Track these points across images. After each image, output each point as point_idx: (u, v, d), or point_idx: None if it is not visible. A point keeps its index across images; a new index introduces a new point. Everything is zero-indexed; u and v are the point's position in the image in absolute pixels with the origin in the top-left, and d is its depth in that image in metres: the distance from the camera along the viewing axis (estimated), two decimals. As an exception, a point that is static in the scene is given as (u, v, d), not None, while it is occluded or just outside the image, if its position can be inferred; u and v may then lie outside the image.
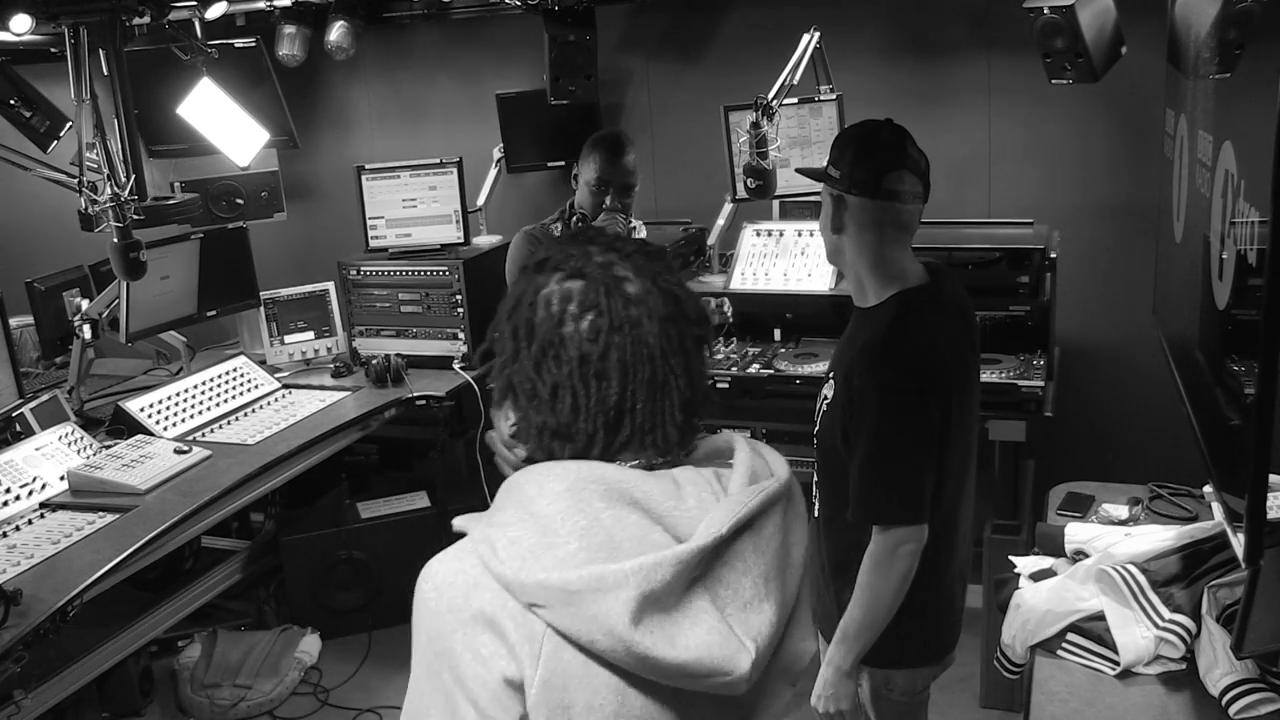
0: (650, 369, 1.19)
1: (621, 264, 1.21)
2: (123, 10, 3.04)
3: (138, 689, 3.72)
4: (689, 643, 1.10)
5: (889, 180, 2.09)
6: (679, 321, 1.21)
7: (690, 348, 1.22)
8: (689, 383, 1.21)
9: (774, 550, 1.19)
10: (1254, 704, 1.88)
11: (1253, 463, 1.53)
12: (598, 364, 1.18)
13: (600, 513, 1.12)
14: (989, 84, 4.00)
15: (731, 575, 1.15)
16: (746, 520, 1.16)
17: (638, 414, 1.19)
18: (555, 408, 1.20)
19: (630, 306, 1.19)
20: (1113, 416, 4.02)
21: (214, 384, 3.90)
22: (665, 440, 1.21)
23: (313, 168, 5.01)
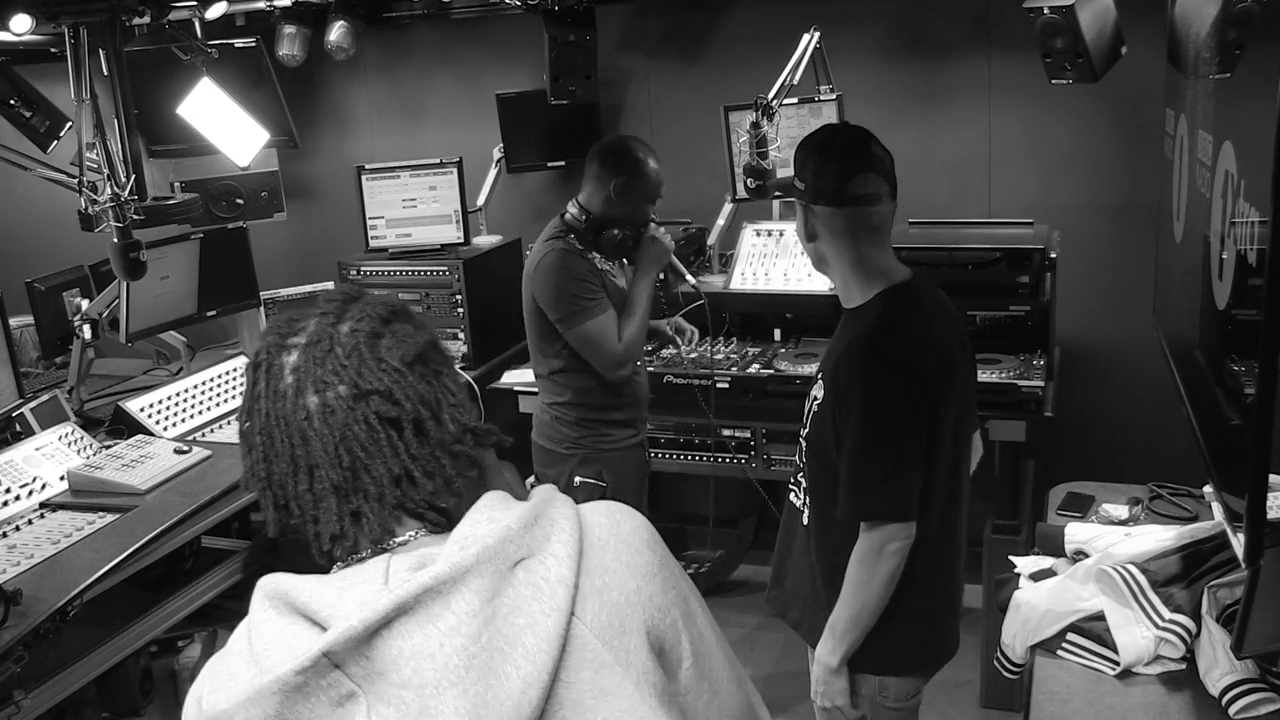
0: (290, 448, 1.06)
1: (303, 331, 1.09)
2: (123, 10, 3.04)
3: (138, 689, 3.72)
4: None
5: (853, 185, 2.09)
6: (335, 395, 1.05)
7: (359, 427, 1.04)
8: (347, 468, 1.04)
9: (455, 648, 0.94)
10: (1254, 704, 1.88)
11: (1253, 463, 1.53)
12: (247, 437, 1.10)
13: (276, 629, 0.99)
14: (989, 84, 4.00)
15: (387, 688, 0.94)
16: (380, 621, 0.94)
17: (296, 497, 1.07)
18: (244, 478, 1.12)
19: (280, 379, 1.07)
20: (1113, 416, 4.02)
21: (214, 384, 3.90)
22: (334, 531, 1.06)
23: (313, 168, 5.01)
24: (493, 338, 4.32)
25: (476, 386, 4.10)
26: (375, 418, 1.05)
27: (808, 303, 3.82)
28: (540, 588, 0.99)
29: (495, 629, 0.96)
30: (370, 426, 1.05)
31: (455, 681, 0.93)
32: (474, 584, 0.97)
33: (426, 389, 1.08)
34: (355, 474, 1.05)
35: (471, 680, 0.93)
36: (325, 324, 1.09)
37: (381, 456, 1.05)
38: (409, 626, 0.95)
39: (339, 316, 1.09)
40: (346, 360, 1.06)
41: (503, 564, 0.99)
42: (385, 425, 1.05)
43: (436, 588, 0.96)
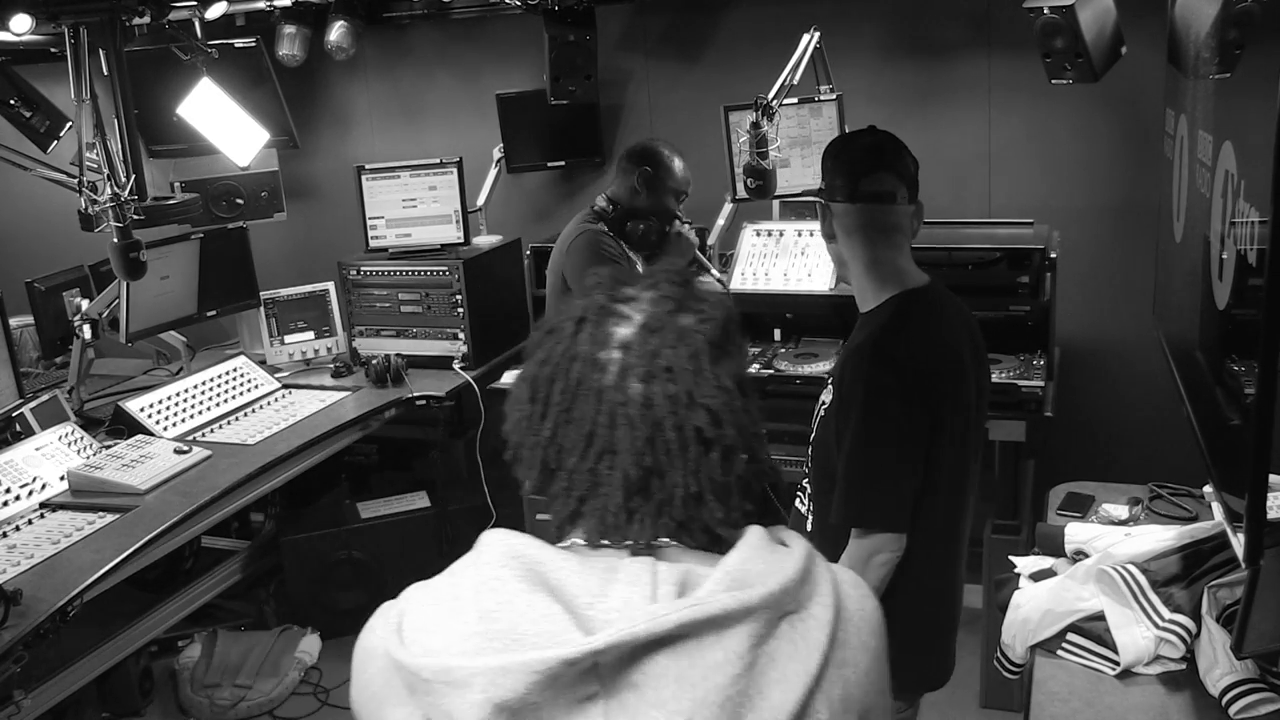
0: (593, 423, 1.00)
1: (638, 304, 1.03)
2: (123, 10, 3.04)
3: (138, 689, 3.72)
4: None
5: (865, 183, 2.09)
6: (660, 389, 0.99)
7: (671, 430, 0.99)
8: (645, 466, 0.99)
9: (715, 686, 0.91)
10: (1254, 704, 1.88)
11: (1253, 463, 1.53)
12: (540, 387, 1.04)
13: (515, 595, 0.95)
14: (989, 84, 4.00)
15: (636, 703, 0.91)
16: (651, 639, 0.91)
17: (573, 471, 1.02)
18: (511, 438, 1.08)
19: (605, 348, 1.01)
20: (1113, 416, 4.02)
21: (214, 384, 3.90)
22: (603, 519, 1.01)
23: (313, 168, 5.01)
24: (493, 338, 4.32)
25: (476, 386, 4.10)
26: (693, 430, 1.00)
27: (808, 303, 3.82)
28: (799, 646, 0.96)
29: (753, 676, 0.93)
30: (683, 437, 0.99)
31: (707, 717, 0.90)
32: (750, 627, 0.93)
33: (746, 418, 1.03)
34: (650, 476, 1.00)
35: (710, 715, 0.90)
36: (665, 309, 1.02)
37: (683, 469, 1.00)
38: (681, 650, 0.91)
39: (679, 305, 1.03)
40: (688, 363, 1.00)
41: (776, 614, 0.95)
42: (698, 441, 1.00)
43: (720, 620, 0.92)
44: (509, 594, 0.95)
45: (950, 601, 2.26)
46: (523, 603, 0.94)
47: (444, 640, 0.95)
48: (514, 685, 0.90)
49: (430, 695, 0.93)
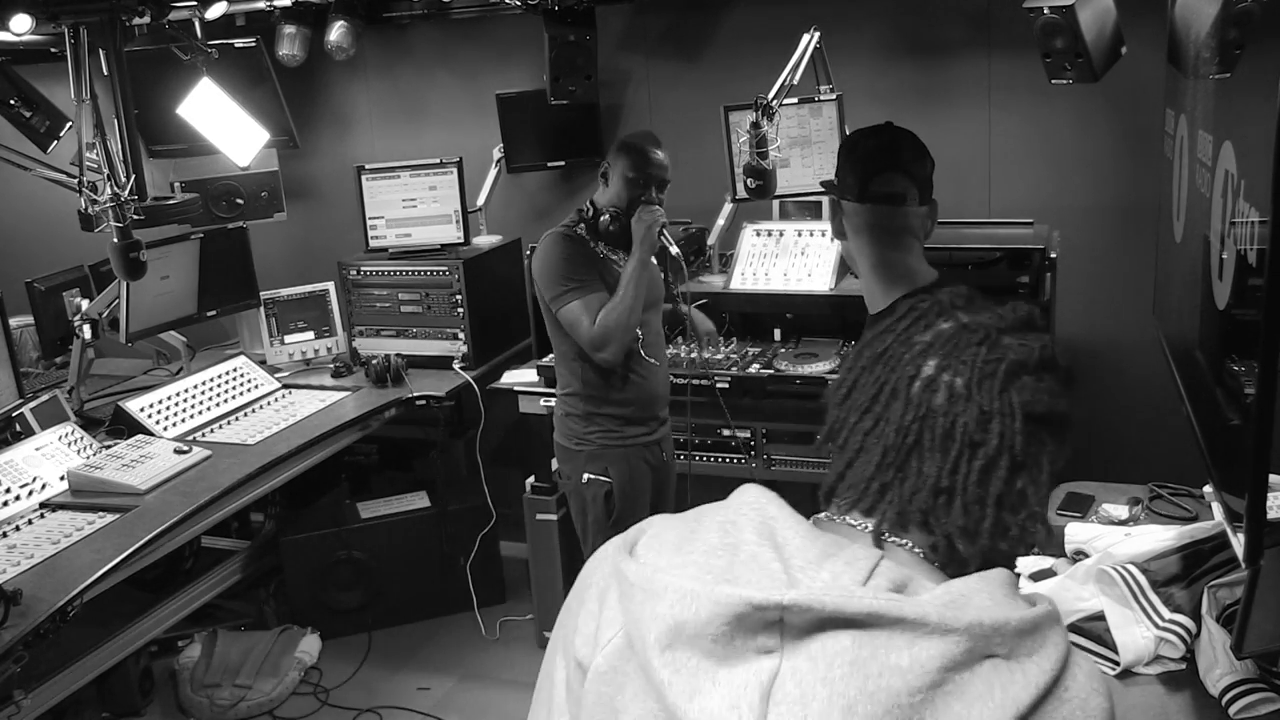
0: (878, 392, 1.06)
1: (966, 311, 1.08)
2: (123, 10, 3.04)
3: (138, 689, 3.72)
4: (704, 704, 0.91)
5: (876, 183, 2.09)
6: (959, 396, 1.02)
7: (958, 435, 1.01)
8: (911, 444, 1.02)
9: (890, 689, 0.88)
10: (1254, 704, 1.88)
11: (1253, 463, 1.53)
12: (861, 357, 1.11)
13: (743, 542, 0.99)
14: (989, 84, 4.00)
15: (811, 673, 0.90)
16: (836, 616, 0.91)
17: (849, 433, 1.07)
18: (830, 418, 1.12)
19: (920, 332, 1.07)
20: (1113, 416, 4.01)
21: (214, 384, 3.90)
22: (856, 483, 1.05)
23: (313, 168, 5.01)
24: (493, 338, 4.32)
25: (476, 386, 4.10)
26: (962, 427, 1.01)
27: (808, 302, 3.82)
28: (995, 693, 0.89)
29: (934, 699, 0.88)
30: (950, 429, 1.01)
31: (867, 714, 0.87)
32: (944, 646, 0.89)
33: (1025, 449, 1.02)
34: (909, 454, 1.02)
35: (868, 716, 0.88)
36: (991, 323, 1.07)
37: (939, 461, 1.01)
38: (869, 638, 0.90)
39: (1005, 328, 1.07)
40: (983, 364, 1.03)
41: (981, 649, 0.90)
42: (965, 441, 1.01)
43: (915, 625, 0.90)
44: (738, 539, 0.99)
45: None
46: (747, 551, 0.98)
47: (667, 560, 1.00)
48: (699, 610, 0.92)
49: (631, 601, 0.98)
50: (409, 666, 4.03)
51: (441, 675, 3.96)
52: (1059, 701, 0.92)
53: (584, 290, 3.04)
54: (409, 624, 4.24)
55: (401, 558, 4.19)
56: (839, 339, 3.83)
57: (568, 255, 3.08)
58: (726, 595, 0.92)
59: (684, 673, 0.93)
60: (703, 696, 0.91)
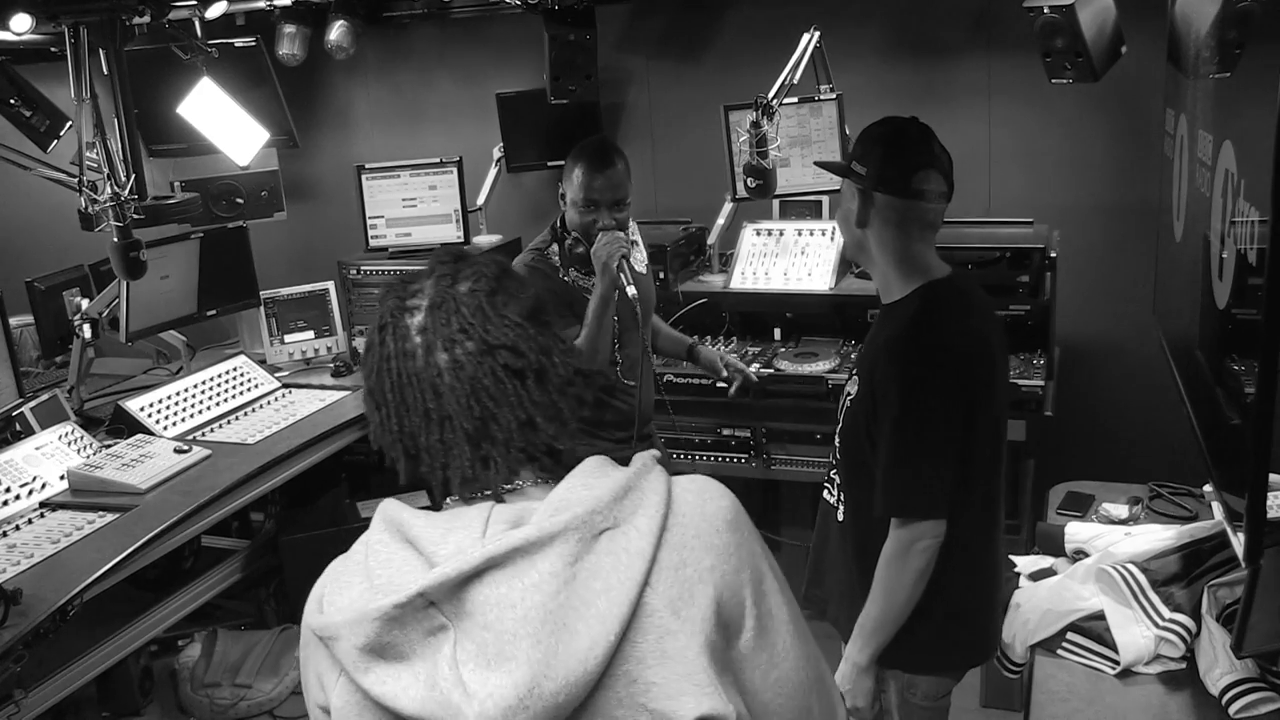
0: (423, 402, 1.14)
1: (422, 293, 1.18)
2: (123, 10, 3.04)
3: (138, 688, 3.72)
4: (415, 694, 1.05)
5: (917, 179, 2.09)
6: (464, 351, 1.14)
7: (486, 379, 1.14)
8: (478, 418, 1.14)
9: (535, 604, 1.03)
10: (1254, 703, 1.88)
11: (1253, 462, 1.53)
12: (376, 394, 1.19)
13: (391, 553, 1.11)
14: (989, 83, 4.00)
15: (473, 628, 1.05)
16: (472, 571, 1.05)
17: (427, 448, 1.16)
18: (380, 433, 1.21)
19: (407, 339, 1.16)
20: (1113, 416, 4.02)
21: (214, 383, 3.90)
22: (464, 475, 1.15)
23: (313, 167, 5.01)
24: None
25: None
26: (502, 369, 1.14)
27: (808, 302, 3.82)
28: (620, 558, 1.07)
29: (573, 590, 1.05)
30: (498, 378, 1.14)
31: (531, 633, 1.03)
32: (559, 548, 1.06)
33: (543, 339, 1.18)
34: (485, 423, 1.14)
35: (545, 633, 1.03)
36: (443, 286, 1.18)
37: (509, 404, 1.14)
38: (498, 578, 1.05)
39: (454, 278, 1.18)
40: (472, 319, 1.15)
41: (588, 532, 1.07)
42: (511, 376, 1.15)
43: (525, 548, 1.06)
44: (387, 552, 1.11)
45: (991, 584, 2.27)
46: (398, 558, 1.10)
47: (346, 599, 1.11)
48: (366, 631, 1.06)
49: (327, 648, 1.10)
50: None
51: (441, 675, 3.95)
52: (678, 529, 1.11)
53: None
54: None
55: (401, 557, 4.19)
56: (839, 338, 3.83)
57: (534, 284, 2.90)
58: (375, 610, 1.06)
59: (389, 682, 1.06)
60: (412, 691, 1.05)
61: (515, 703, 1.02)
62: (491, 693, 1.02)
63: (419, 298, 1.18)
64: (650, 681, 1.06)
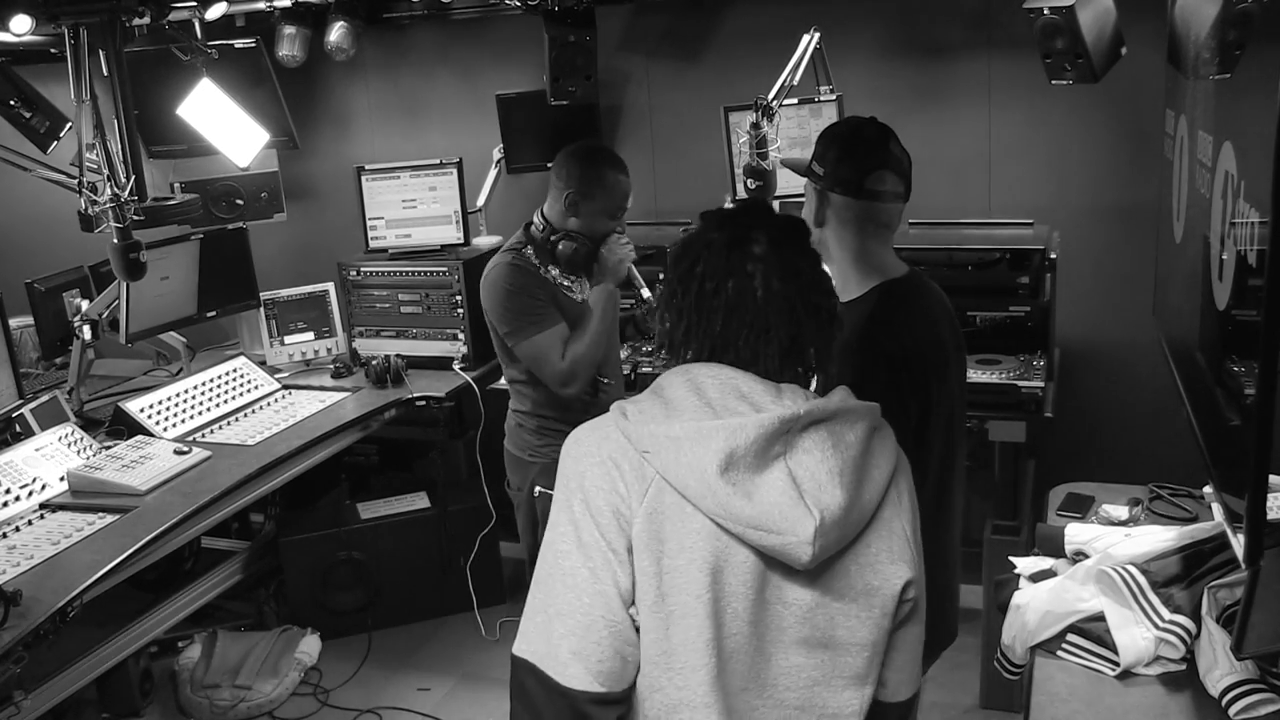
0: (751, 313, 1.45)
1: (762, 232, 1.49)
2: (123, 11, 3.04)
3: (138, 690, 3.72)
4: (763, 498, 1.36)
5: (871, 180, 2.12)
6: (794, 285, 1.46)
7: (801, 308, 1.46)
8: (791, 334, 1.46)
9: (851, 457, 1.41)
10: (1254, 705, 1.88)
11: (1253, 463, 1.53)
12: (711, 300, 1.47)
13: (713, 398, 1.41)
14: (989, 84, 4.00)
15: (809, 459, 1.38)
16: (820, 416, 1.41)
17: (740, 347, 1.46)
18: (676, 328, 1.51)
19: (748, 263, 1.46)
20: (1113, 417, 4.02)
21: (214, 385, 3.90)
22: (766, 372, 1.46)
23: (313, 168, 5.01)
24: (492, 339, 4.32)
25: (476, 387, 4.10)
26: (814, 307, 1.48)
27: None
28: (887, 450, 1.50)
29: (868, 455, 1.45)
30: (810, 309, 1.48)
31: (852, 472, 1.41)
32: (865, 424, 1.46)
33: (829, 287, 1.53)
34: (796, 338, 1.47)
35: (857, 478, 1.42)
36: (778, 234, 1.50)
37: (811, 332, 1.49)
38: (831, 427, 1.42)
39: (781, 229, 1.52)
40: (805, 264, 1.50)
41: (873, 424, 1.48)
42: (819, 314, 1.49)
43: (847, 413, 1.45)
44: (713, 394, 1.42)
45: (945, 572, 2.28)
46: (718, 401, 1.41)
47: (668, 420, 1.40)
48: (746, 435, 1.36)
49: (672, 451, 1.38)
50: (409, 667, 4.03)
51: (441, 676, 3.96)
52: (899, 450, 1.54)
53: (544, 324, 2.91)
54: (409, 624, 4.24)
55: (401, 558, 4.19)
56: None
57: (522, 287, 2.92)
58: (765, 419, 1.37)
59: (739, 484, 1.36)
60: (758, 495, 1.36)
61: (841, 517, 1.38)
62: (827, 507, 1.36)
63: (759, 232, 1.49)
64: (879, 549, 1.46)
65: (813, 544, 1.35)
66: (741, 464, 1.35)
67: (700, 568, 1.37)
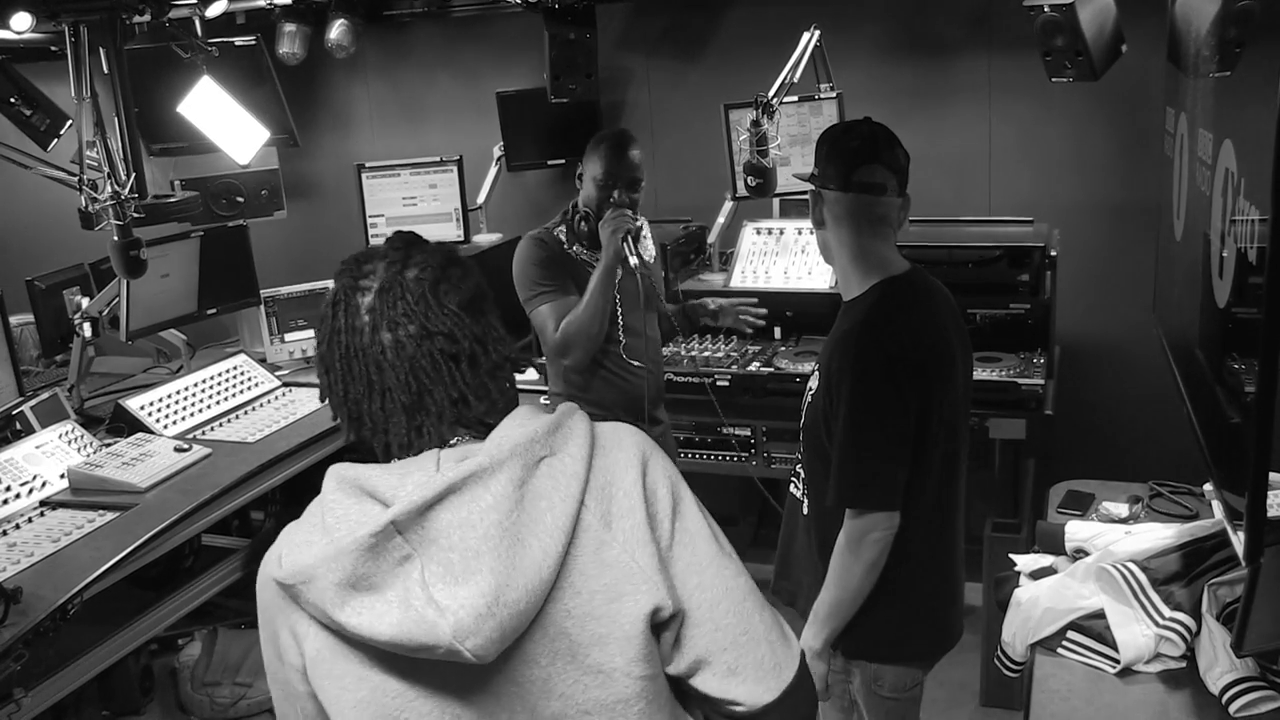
0: (367, 374, 1.27)
1: (374, 274, 1.30)
2: (123, 8, 3.04)
3: (138, 687, 3.72)
4: (390, 619, 1.16)
5: (859, 173, 2.13)
6: (405, 332, 1.26)
7: (424, 360, 1.26)
8: (415, 391, 1.27)
9: (493, 522, 1.17)
10: (1254, 702, 1.88)
11: (1253, 461, 1.53)
12: (326, 361, 1.32)
13: (348, 508, 1.22)
14: (989, 82, 4.00)
15: (438, 551, 1.17)
16: (435, 498, 1.18)
17: (369, 414, 1.29)
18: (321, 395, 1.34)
19: (358, 316, 1.28)
20: (1113, 415, 4.02)
21: (214, 382, 3.90)
22: (401, 441, 1.28)
23: (313, 166, 5.01)
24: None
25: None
26: (439, 354, 1.27)
27: (808, 301, 3.82)
28: (558, 479, 1.23)
29: (523, 509, 1.20)
30: (434, 360, 1.27)
31: (491, 548, 1.16)
32: (507, 472, 1.20)
33: (478, 328, 1.31)
34: (421, 397, 1.27)
35: (504, 548, 1.17)
36: (394, 271, 1.30)
37: (443, 384, 1.27)
38: (456, 503, 1.18)
39: (404, 264, 1.30)
40: (415, 305, 1.27)
41: (530, 458, 1.22)
42: (446, 359, 1.27)
43: (478, 474, 1.19)
44: (343, 508, 1.21)
45: (949, 575, 2.31)
46: (354, 511, 1.21)
47: (310, 553, 1.19)
48: (343, 564, 1.16)
49: (301, 596, 1.19)
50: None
51: (442, 673, 3.95)
52: (601, 455, 1.28)
53: (553, 295, 3.04)
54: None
55: (402, 556, 4.19)
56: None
57: (539, 259, 3.07)
58: (353, 541, 1.16)
59: (365, 612, 1.16)
60: (389, 616, 1.16)
61: (485, 610, 1.14)
62: (463, 604, 1.14)
63: (371, 279, 1.30)
64: (593, 590, 1.22)
65: (462, 645, 1.14)
66: (363, 588, 1.17)
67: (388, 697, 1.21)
